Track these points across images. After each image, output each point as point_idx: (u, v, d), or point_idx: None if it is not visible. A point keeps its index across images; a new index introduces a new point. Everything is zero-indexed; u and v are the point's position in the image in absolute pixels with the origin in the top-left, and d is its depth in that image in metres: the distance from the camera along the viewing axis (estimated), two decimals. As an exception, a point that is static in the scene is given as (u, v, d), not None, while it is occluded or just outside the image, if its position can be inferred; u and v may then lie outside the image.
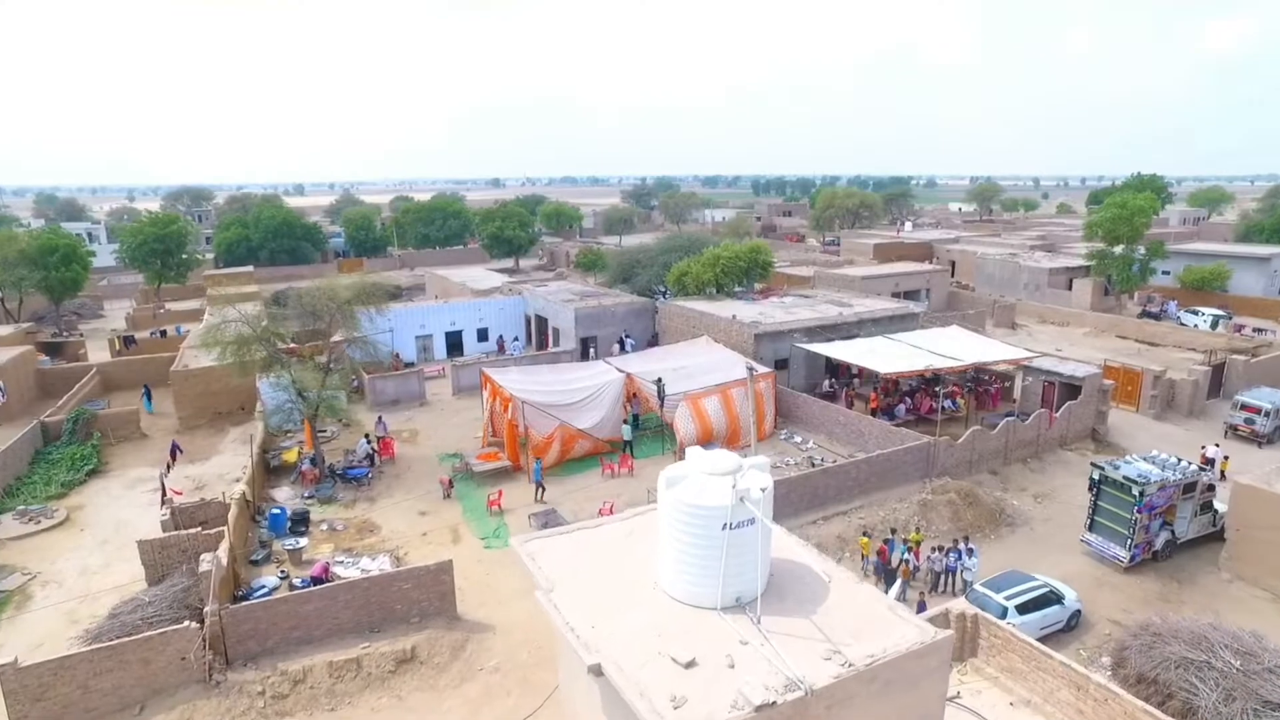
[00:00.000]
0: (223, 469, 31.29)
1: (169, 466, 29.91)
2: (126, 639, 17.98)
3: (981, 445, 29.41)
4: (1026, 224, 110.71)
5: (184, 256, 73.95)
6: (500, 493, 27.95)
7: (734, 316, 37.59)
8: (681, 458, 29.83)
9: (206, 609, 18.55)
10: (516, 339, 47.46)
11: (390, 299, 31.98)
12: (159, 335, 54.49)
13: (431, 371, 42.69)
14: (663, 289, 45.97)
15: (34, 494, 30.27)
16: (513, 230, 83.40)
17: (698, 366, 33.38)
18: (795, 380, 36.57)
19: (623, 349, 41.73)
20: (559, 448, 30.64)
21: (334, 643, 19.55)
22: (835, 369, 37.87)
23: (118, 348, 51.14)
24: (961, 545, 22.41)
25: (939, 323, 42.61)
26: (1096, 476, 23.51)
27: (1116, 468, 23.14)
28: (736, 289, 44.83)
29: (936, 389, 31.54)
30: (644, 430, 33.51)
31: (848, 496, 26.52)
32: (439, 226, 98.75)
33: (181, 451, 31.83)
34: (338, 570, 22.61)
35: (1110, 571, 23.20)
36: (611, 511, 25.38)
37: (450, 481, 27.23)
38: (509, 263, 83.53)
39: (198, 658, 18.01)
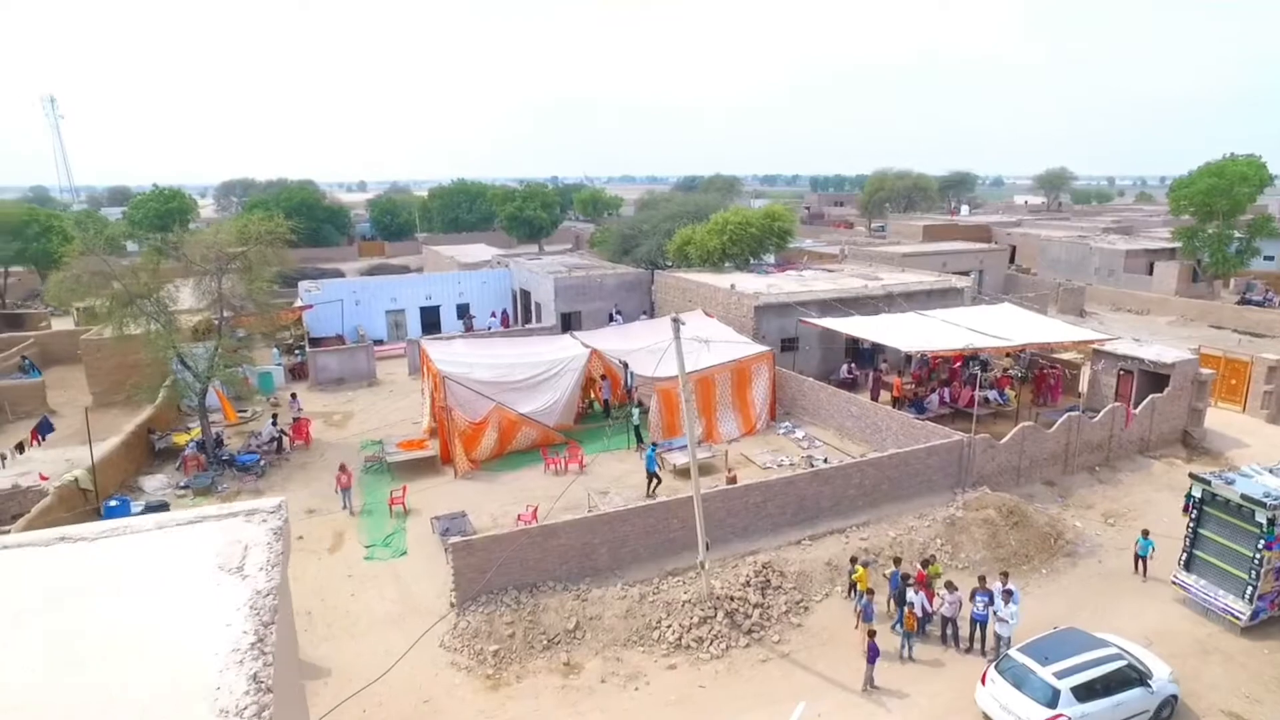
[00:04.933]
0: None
1: (23, 446, 24.96)
2: None
3: (1035, 447, 22.53)
4: (1100, 211, 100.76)
5: (186, 233, 70.83)
6: (404, 489, 22.24)
7: (732, 286, 31.21)
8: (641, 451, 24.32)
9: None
10: (493, 314, 41.87)
11: (286, 245, 26.15)
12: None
13: (391, 350, 37.42)
14: (664, 260, 39.76)
15: (-108, 473, 25.84)
16: (533, 211, 78.05)
17: (692, 347, 27.04)
18: (807, 363, 30.04)
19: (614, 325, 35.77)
20: (495, 435, 24.78)
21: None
22: (859, 351, 31.18)
23: (79, 320, 47.36)
24: (996, 585, 15.71)
25: (990, 303, 35.42)
26: (1198, 494, 16.56)
27: (1229, 482, 16.09)
28: (750, 261, 38.40)
29: (976, 373, 24.64)
30: (614, 420, 27.43)
31: (848, 509, 19.98)
32: (466, 210, 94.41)
33: (52, 429, 26.93)
34: (151, 583, 17.15)
35: (1221, 632, 16.15)
36: (534, 517, 19.45)
37: (345, 472, 21.66)
38: (532, 247, 78.50)
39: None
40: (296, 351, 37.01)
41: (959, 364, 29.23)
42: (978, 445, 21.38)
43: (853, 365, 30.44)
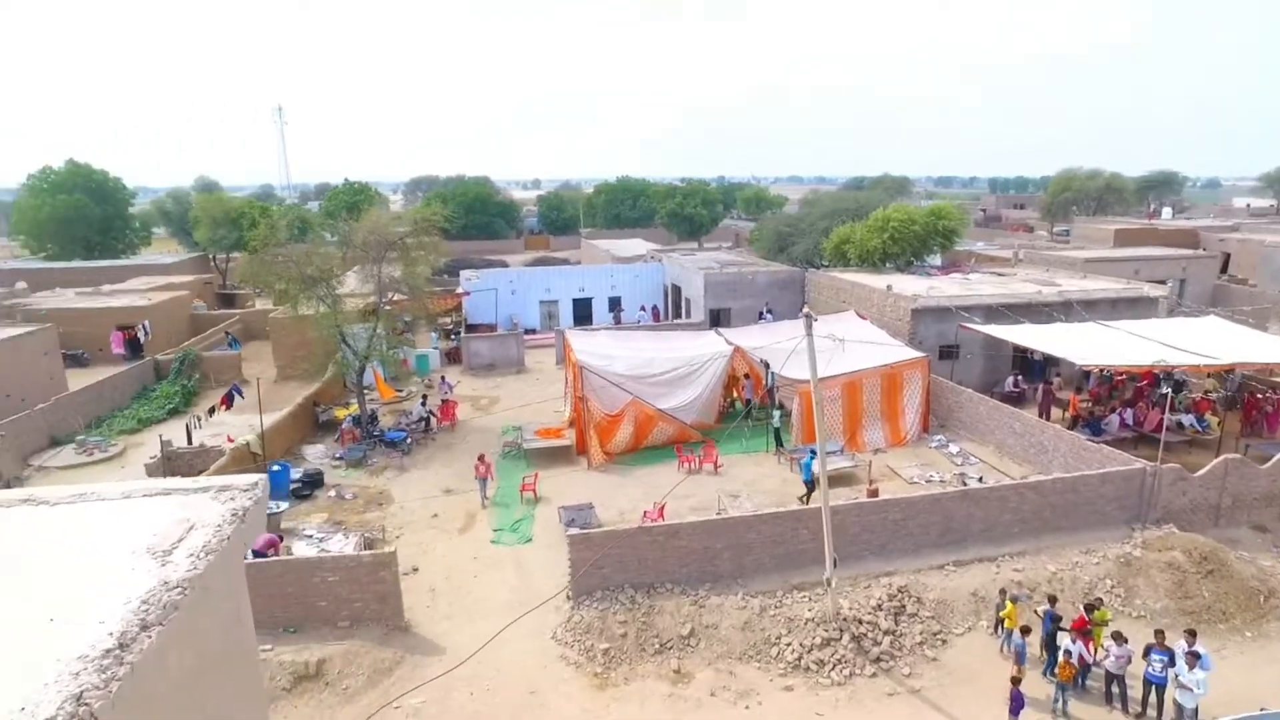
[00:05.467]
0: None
1: (214, 410, 27.51)
2: None
3: (1242, 484, 19.40)
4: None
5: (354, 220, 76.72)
6: (536, 476, 22.45)
7: (889, 288, 29.27)
8: (788, 459, 23.22)
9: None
10: (642, 308, 41.84)
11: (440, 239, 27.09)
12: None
13: (542, 339, 38.29)
14: (820, 259, 38.12)
15: (112, 427, 29.44)
16: (694, 208, 77.89)
17: (823, 345, 25.66)
18: (967, 373, 27.65)
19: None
20: (631, 429, 24.55)
21: (232, 639, 15.01)
22: (1028, 363, 28.36)
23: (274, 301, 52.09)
24: (1180, 644, 13.46)
25: (1192, 315, 31.13)
26: None
27: None
28: (912, 263, 36.03)
29: (1168, 393, 21.48)
30: (755, 421, 26.43)
31: (1001, 536, 18.01)
32: (628, 207, 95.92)
33: (241, 396, 29.52)
34: (298, 546, 18.23)
35: None
36: (661, 516, 18.97)
37: (483, 462, 21.91)
38: (692, 244, 78.46)
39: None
40: (453, 336, 38.71)
41: (1147, 383, 25.86)
42: (1165, 476, 18.64)
43: (1019, 378, 27.69)
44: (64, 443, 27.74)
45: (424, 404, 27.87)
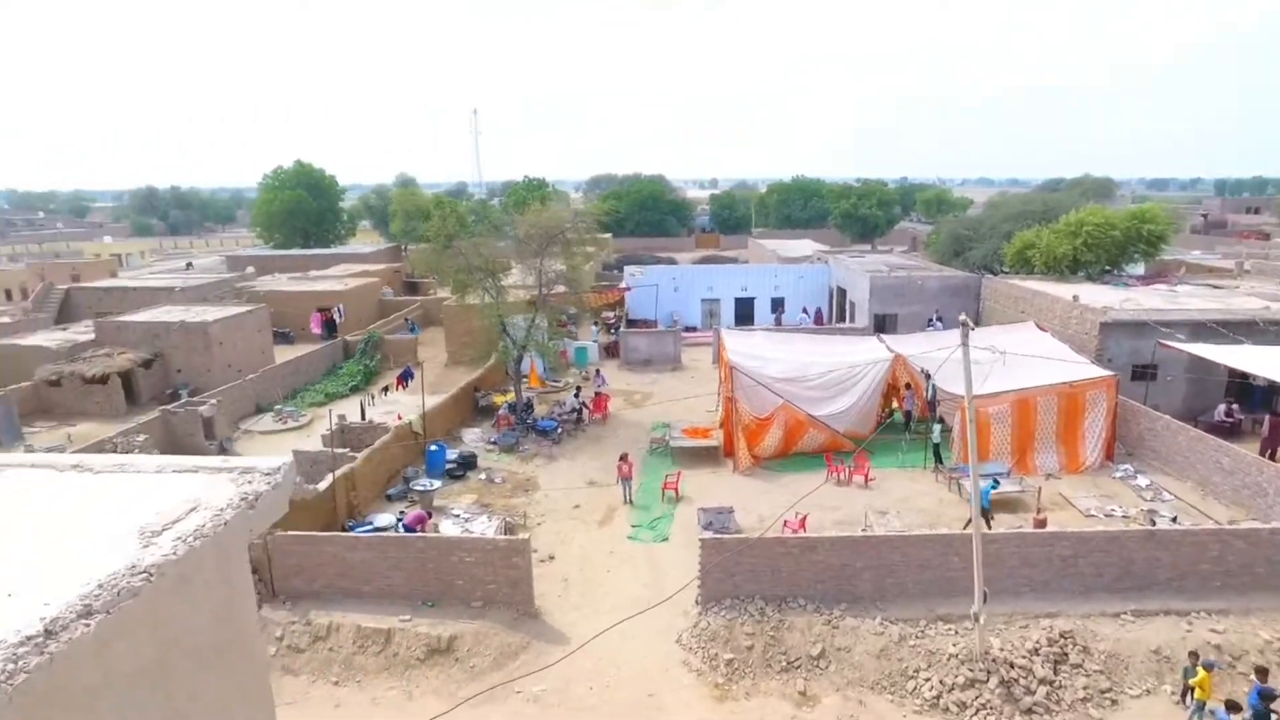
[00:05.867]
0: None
1: (388, 389, 29.54)
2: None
3: None
4: None
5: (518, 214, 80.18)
6: (679, 475, 22.24)
7: (1075, 298, 26.46)
8: (947, 477, 21.53)
9: (248, 530, 16.19)
10: (804, 310, 40.53)
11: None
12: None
13: (701, 337, 38.09)
14: (1000, 265, 35.25)
15: (304, 399, 32.44)
16: (868, 209, 74.87)
17: (998, 360, 23.61)
18: (1165, 397, 24.49)
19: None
20: (780, 434, 23.79)
21: (378, 605, 15.97)
22: (1247, 390, 24.67)
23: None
24: None
25: None
26: None
27: None
28: (1108, 271, 32.46)
29: None
30: (913, 435, 24.83)
31: (1197, 589, 15.68)
32: (800, 207, 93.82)
33: (412, 378, 31.52)
34: (445, 524, 19.11)
35: None
36: (803, 527, 18.26)
37: (626, 462, 21.78)
38: (864, 246, 75.54)
39: (231, 582, 15.65)
40: (613, 331, 39.36)
41: None
42: None
43: (1234, 407, 24.11)
44: (266, 411, 30.90)
45: (577, 395, 28.49)
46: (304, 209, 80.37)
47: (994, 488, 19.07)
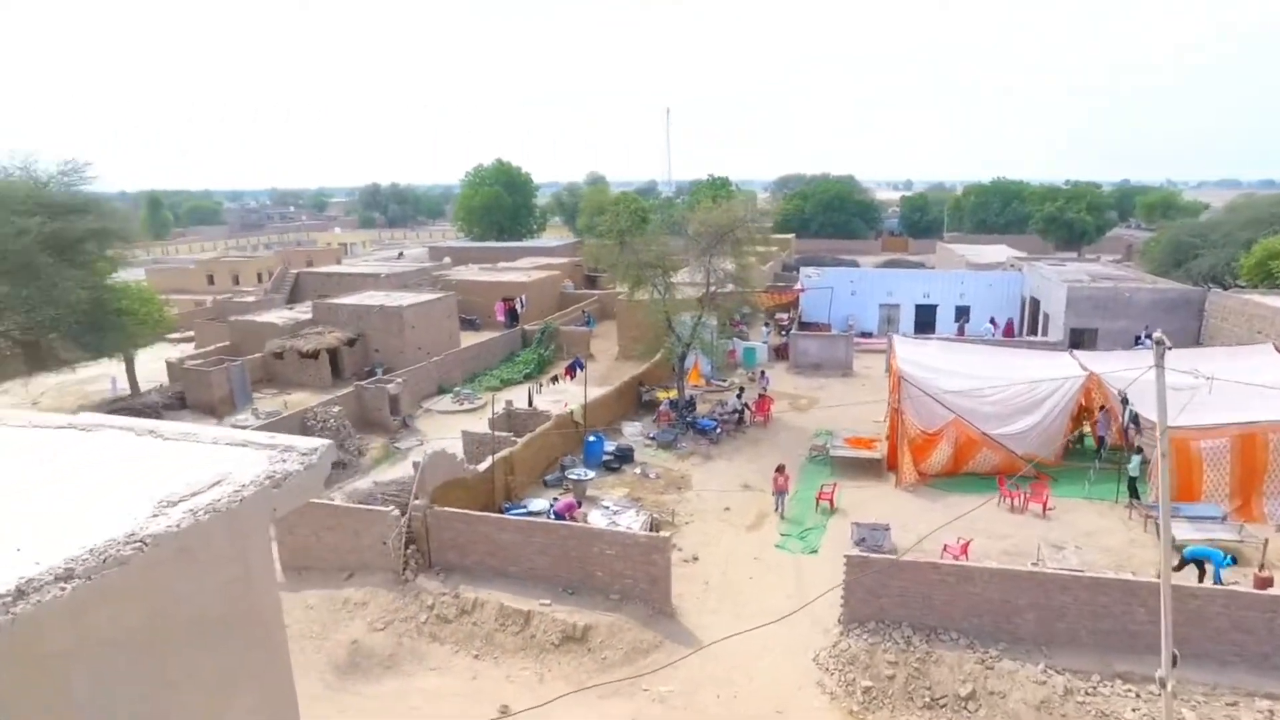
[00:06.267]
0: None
1: (556, 379, 30.57)
2: (348, 505, 17.89)
3: None
4: None
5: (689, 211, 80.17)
6: (835, 486, 21.31)
7: (1332, 319, 22.47)
8: (1143, 515, 18.98)
9: (411, 502, 17.34)
10: (991, 321, 37.47)
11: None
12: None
13: (876, 344, 36.35)
14: (1232, 278, 30.75)
15: (481, 383, 34.47)
16: (1076, 212, 68.22)
17: (1224, 387, 20.56)
18: None
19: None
20: (950, 451, 22.19)
21: (522, 586, 16.57)
22: None
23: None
24: None
25: None
26: None
27: None
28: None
29: None
30: (1104, 464, 22.24)
31: None
32: (997, 210, 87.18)
33: (582, 369, 32.44)
34: (593, 515, 19.48)
35: None
36: (965, 553, 16.99)
37: (782, 474, 21.00)
38: (1070, 253, 68.93)
39: (394, 547, 16.89)
40: (784, 333, 38.49)
41: None
42: None
43: None
44: (446, 392, 33.12)
45: (740, 396, 28.11)
46: (500, 204, 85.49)
47: (1228, 563, 16.14)
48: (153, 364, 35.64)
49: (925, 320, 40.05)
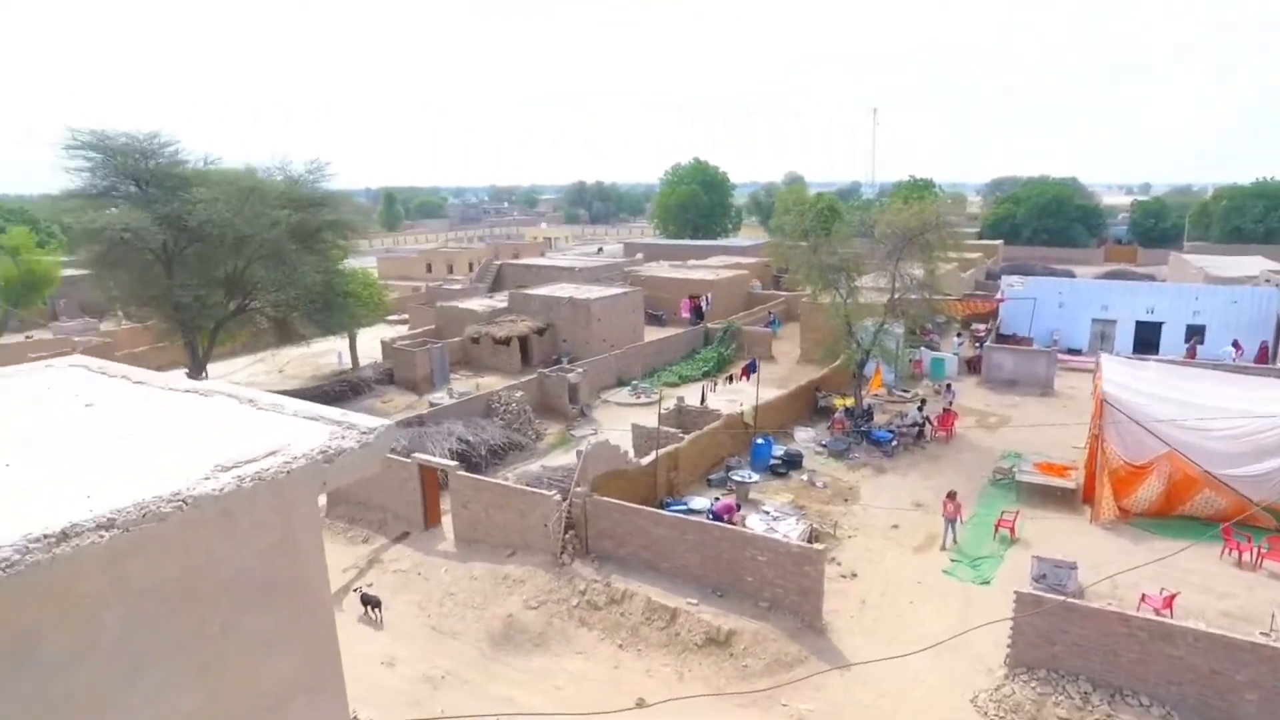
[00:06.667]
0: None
1: (732, 378, 30.37)
2: (516, 486, 18.86)
3: None
4: None
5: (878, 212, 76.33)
6: (1017, 514, 19.52)
7: None
8: None
9: (572, 489, 17.96)
10: (1235, 343, 32.47)
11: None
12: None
13: (1084, 362, 32.85)
14: None
15: (659, 378, 35.10)
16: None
17: None
18: None
19: None
20: (1160, 488, 19.57)
21: (671, 583, 16.68)
22: None
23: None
24: None
25: None
26: None
27: None
28: None
29: None
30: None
31: None
32: (1257, 216, 75.38)
33: (755, 370, 32.01)
34: (752, 518, 19.19)
35: None
36: (1168, 607, 15.08)
37: (953, 500, 19.36)
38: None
39: (554, 531, 17.62)
40: (978, 344, 35.80)
41: None
42: None
43: None
44: (625, 384, 34.01)
45: (921, 409, 26.51)
46: (696, 203, 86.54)
47: None
48: (372, 342, 39.69)
49: (1148, 339, 35.58)
